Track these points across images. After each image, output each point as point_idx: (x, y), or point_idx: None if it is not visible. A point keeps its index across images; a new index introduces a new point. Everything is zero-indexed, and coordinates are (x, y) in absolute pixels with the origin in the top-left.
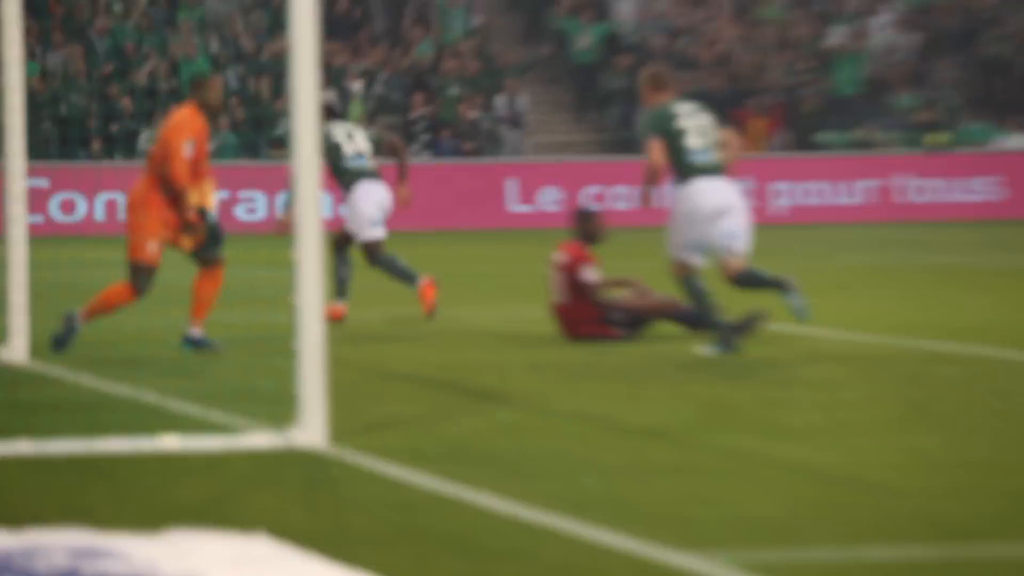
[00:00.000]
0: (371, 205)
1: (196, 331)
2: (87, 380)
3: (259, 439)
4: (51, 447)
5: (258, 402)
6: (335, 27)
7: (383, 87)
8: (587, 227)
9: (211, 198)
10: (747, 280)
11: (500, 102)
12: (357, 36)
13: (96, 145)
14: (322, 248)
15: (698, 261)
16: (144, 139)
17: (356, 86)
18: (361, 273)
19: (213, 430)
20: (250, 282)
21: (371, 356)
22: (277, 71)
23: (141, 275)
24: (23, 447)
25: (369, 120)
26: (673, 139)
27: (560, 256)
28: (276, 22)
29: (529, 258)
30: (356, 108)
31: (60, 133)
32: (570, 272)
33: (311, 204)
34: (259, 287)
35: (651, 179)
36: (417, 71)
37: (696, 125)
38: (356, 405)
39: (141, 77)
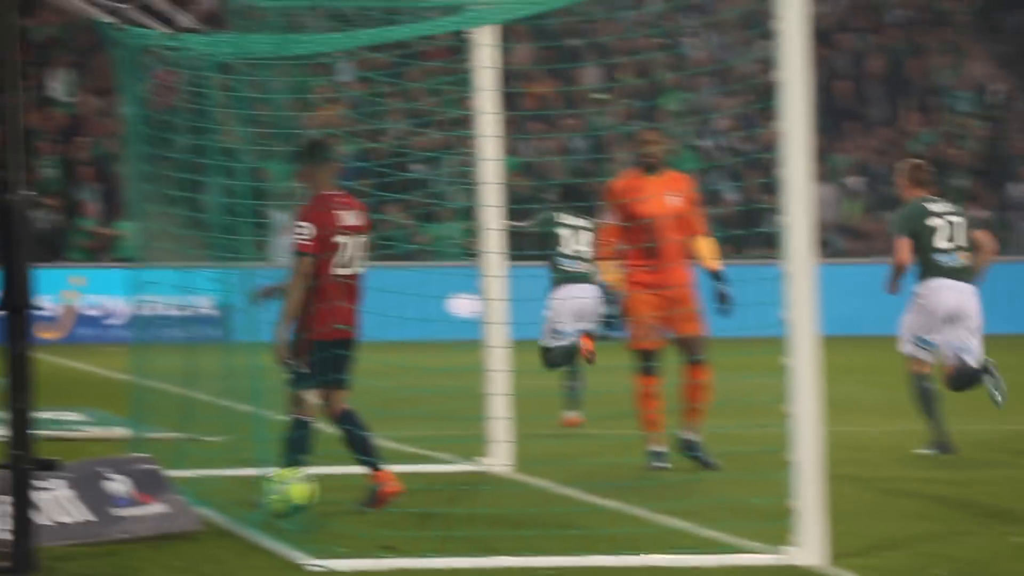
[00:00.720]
0: (563, 311)
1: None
2: (573, 493)
3: (755, 557)
4: (537, 561)
5: (752, 518)
6: (829, 115)
7: (883, 182)
8: None
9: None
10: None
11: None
12: (848, 125)
13: None
14: (819, 354)
15: (927, 358)
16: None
17: (851, 181)
18: (881, 385)
19: (706, 547)
20: (743, 389)
21: (871, 470)
22: (764, 162)
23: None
24: (510, 561)
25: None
26: (920, 238)
27: None
28: (765, 109)
29: None
30: (854, 206)
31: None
32: None
33: (806, 307)
34: (753, 394)
35: (897, 275)
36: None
37: (946, 224)
38: (856, 522)
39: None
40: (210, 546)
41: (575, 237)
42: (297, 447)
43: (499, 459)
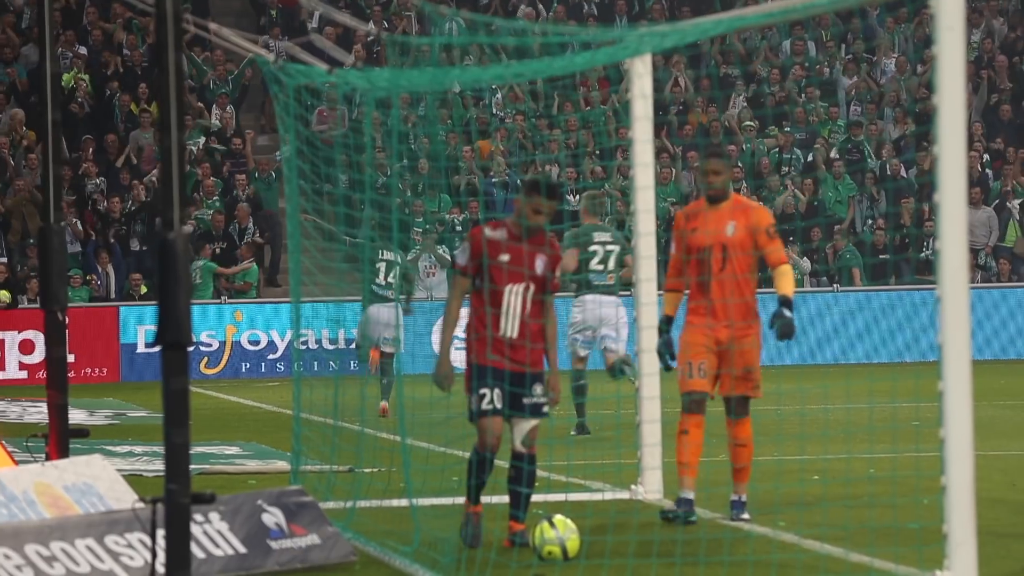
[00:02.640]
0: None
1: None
2: (722, 519)
3: None
4: None
5: (903, 543)
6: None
7: None
8: None
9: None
10: None
11: None
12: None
13: None
14: (970, 377)
15: None
16: None
17: (1016, 205)
18: None
19: (856, 572)
20: (893, 414)
21: (1023, 494)
22: (921, 187)
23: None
24: None
25: None
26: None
27: None
28: (924, 134)
29: None
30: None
31: None
32: None
33: (959, 331)
34: (903, 419)
35: None
36: None
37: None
38: (1008, 545)
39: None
40: None
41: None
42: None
43: (649, 486)
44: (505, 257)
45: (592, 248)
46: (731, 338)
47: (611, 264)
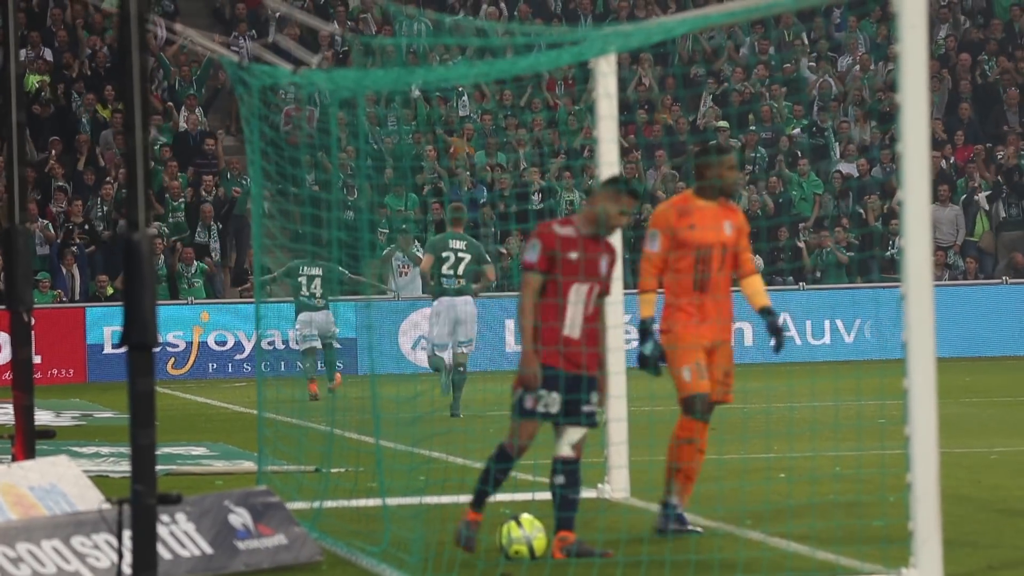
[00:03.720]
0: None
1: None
2: (688, 517)
3: None
4: None
5: (869, 541)
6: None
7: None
8: None
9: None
10: None
11: None
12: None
13: None
14: (934, 376)
15: None
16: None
17: (983, 198)
18: None
19: (822, 570)
20: (859, 412)
21: (989, 491)
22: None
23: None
24: None
25: None
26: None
27: None
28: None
29: None
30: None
31: None
32: None
33: (923, 328)
34: (869, 417)
35: None
36: None
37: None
38: (973, 544)
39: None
40: None
41: None
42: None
43: (616, 485)
44: (574, 255)
45: (445, 254)
46: (716, 339)
47: (461, 269)
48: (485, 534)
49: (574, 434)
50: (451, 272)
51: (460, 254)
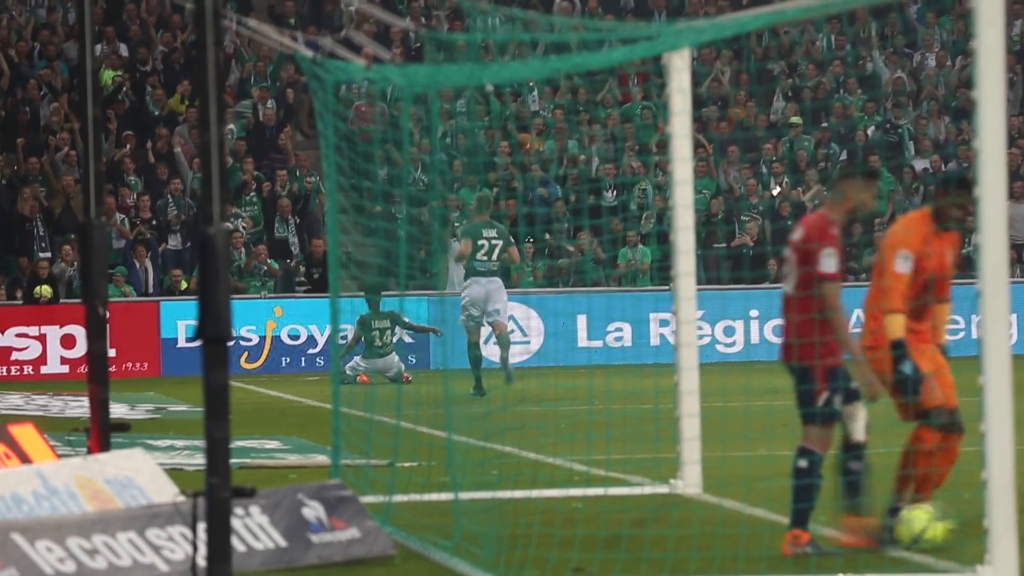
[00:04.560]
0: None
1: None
2: (761, 513)
3: None
4: None
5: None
6: None
7: None
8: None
9: (941, 333)
10: None
11: None
12: None
13: (773, 266)
14: (1010, 372)
15: None
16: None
17: None
18: None
19: (896, 567)
20: None
21: None
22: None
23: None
24: None
25: None
26: None
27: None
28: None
29: None
30: None
31: (729, 255)
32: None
33: (999, 325)
34: None
35: None
36: None
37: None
38: None
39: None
40: (401, 570)
41: None
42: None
43: (689, 480)
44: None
45: (480, 242)
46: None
47: (494, 255)
48: (554, 528)
49: (861, 412)
50: (485, 258)
51: (493, 241)
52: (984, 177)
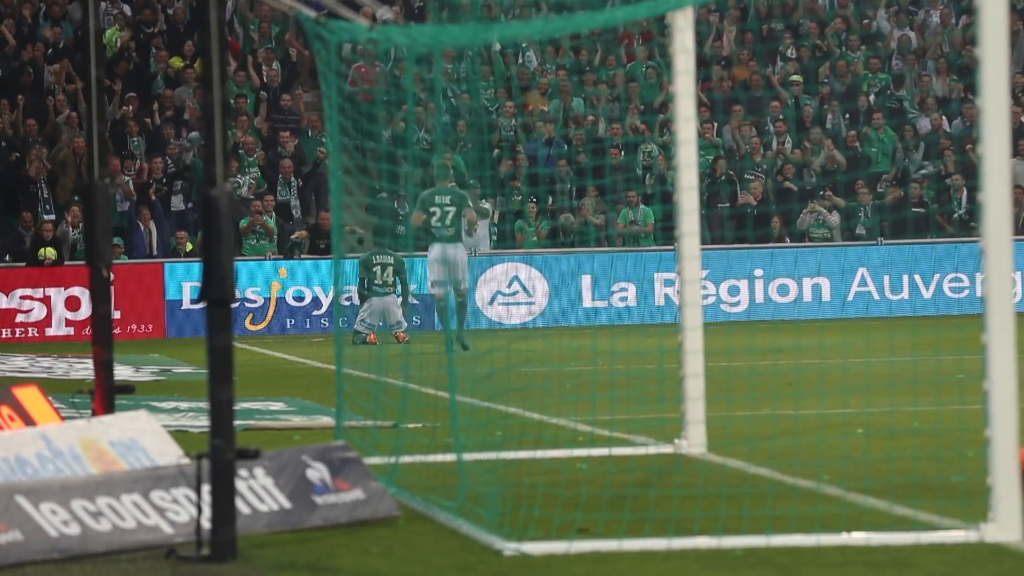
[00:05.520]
0: None
1: None
2: (766, 472)
3: (948, 535)
4: (730, 541)
5: (947, 496)
6: None
7: None
8: None
9: None
10: None
11: None
12: None
13: (777, 225)
14: (1013, 330)
15: None
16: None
17: None
18: None
19: (899, 525)
20: (937, 367)
21: None
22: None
23: None
24: (702, 541)
25: None
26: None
27: None
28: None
29: None
30: None
31: (732, 215)
32: None
33: (1003, 284)
34: (947, 372)
35: None
36: None
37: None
38: None
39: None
40: (406, 532)
41: None
42: None
43: (693, 440)
44: None
45: (432, 209)
46: None
47: (448, 220)
48: (558, 489)
49: None
50: (439, 224)
51: (446, 208)
52: (987, 135)
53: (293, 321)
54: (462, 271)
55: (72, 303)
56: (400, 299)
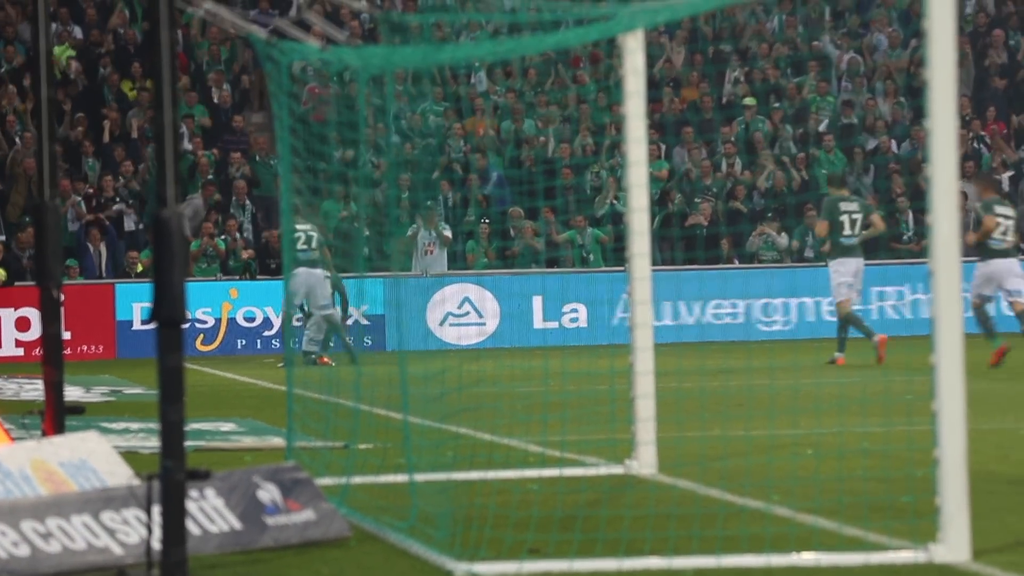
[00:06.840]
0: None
1: None
2: (716, 493)
3: (897, 555)
4: (680, 562)
5: (896, 516)
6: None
7: None
8: None
9: None
10: None
11: None
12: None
13: (725, 247)
14: (962, 351)
15: None
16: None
17: (1006, 178)
18: None
19: (849, 546)
20: (887, 387)
21: (1016, 467)
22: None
23: None
24: (653, 562)
25: None
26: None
27: None
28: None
29: None
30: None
31: (682, 234)
32: None
33: (952, 305)
34: (896, 392)
35: None
36: None
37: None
38: (1001, 519)
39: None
40: (357, 552)
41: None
42: None
43: (643, 461)
44: None
45: (297, 235)
46: None
47: (313, 244)
48: (509, 509)
49: None
50: (305, 247)
51: (309, 232)
52: (936, 157)
53: (244, 341)
54: (324, 294)
55: (22, 323)
56: (327, 276)
